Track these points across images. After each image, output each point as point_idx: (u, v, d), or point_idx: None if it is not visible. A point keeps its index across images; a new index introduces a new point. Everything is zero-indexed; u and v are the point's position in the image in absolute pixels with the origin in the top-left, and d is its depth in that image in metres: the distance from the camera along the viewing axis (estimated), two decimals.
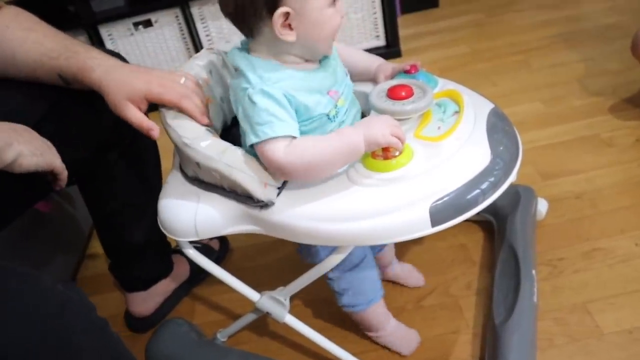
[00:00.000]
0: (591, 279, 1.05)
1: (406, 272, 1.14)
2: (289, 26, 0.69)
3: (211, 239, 1.32)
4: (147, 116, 0.78)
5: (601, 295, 1.01)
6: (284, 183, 0.74)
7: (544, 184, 1.31)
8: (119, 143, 0.97)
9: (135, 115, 0.76)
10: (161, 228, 0.83)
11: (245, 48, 0.76)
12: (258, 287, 0.91)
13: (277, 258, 1.27)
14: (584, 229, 1.16)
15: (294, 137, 0.70)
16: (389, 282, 1.13)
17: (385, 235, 0.70)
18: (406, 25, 2.19)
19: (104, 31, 1.99)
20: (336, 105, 0.76)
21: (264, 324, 1.11)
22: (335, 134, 0.71)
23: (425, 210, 0.66)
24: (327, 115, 0.75)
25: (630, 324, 0.95)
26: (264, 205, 0.72)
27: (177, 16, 1.99)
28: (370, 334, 1.01)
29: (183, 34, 2.02)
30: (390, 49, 2.05)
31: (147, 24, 2.00)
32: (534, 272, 1.00)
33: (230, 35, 2.03)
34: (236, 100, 0.74)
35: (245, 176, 0.72)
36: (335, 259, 0.79)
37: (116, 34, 1.99)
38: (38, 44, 0.80)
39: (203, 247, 1.28)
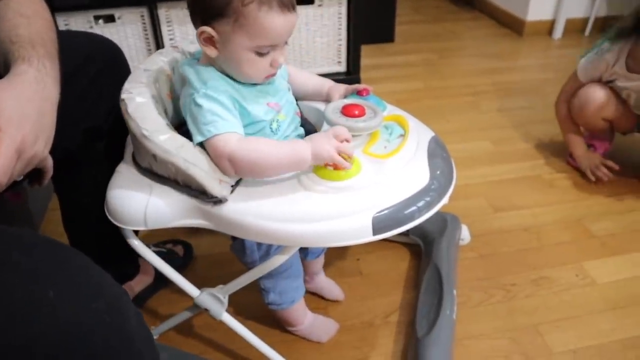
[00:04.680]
0: (540, 304, 1.16)
1: (328, 285, 1.18)
2: (214, 44, 0.73)
3: (175, 245, 1.30)
4: None
5: (549, 318, 1.12)
6: (238, 181, 0.76)
7: (495, 215, 1.43)
8: (110, 131, 0.92)
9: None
10: (108, 216, 0.81)
11: (197, 58, 0.80)
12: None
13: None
14: (531, 259, 1.29)
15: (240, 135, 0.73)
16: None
17: (330, 238, 0.73)
18: (364, 55, 2.29)
19: (61, 20, 1.89)
20: (277, 119, 0.80)
21: (193, 325, 1.11)
22: (286, 142, 0.75)
23: (369, 219, 0.71)
24: (270, 126, 0.79)
25: (574, 345, 1.06)
26: (217, 201, 0.73)
27: (142, 15, 1.94)
28: (290, 328, 1.06)
29: (146, 34, 1.98)
30: (350, 76, 2.12)
31: (109, 19, 1.93)
32: (454, 292, 1.09)
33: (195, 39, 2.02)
34: (184, 106, 0.76)
35: (201, 172, 0.73)
36: (278, 260, 0.81)
37: (74, 25, 1.90)
38: (15, 28, 0.72)
39: (167, 252, 1.25)
